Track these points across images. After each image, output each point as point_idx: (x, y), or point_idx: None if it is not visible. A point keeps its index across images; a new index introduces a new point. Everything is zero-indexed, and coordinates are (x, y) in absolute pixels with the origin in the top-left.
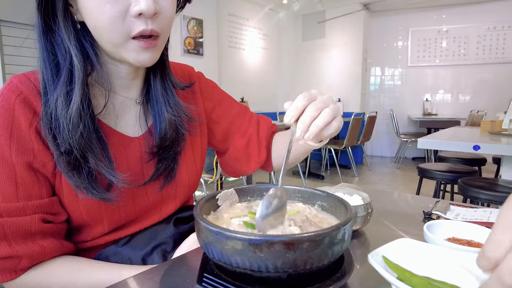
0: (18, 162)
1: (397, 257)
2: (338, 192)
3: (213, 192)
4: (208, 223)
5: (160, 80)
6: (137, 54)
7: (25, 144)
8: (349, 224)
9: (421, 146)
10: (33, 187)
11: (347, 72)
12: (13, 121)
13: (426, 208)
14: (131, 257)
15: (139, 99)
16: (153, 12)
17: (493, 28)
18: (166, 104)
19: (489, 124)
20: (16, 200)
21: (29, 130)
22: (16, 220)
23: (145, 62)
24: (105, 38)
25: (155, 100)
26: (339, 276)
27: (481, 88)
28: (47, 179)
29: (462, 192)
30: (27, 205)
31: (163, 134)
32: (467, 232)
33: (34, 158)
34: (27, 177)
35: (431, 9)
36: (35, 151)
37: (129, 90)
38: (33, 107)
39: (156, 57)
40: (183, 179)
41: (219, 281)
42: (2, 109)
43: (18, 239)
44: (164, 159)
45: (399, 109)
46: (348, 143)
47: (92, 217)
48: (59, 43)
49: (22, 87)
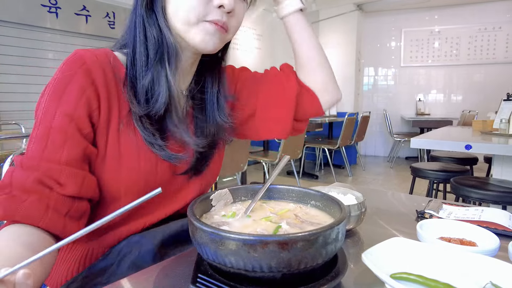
0: (55, 125)
1: (391, 256)
2: (332, 191)
3: (208, 192)
4: (202, 223)
5: (212, 80)
6: (205, 35)
7: (68, 108)
8: (342, 224)
9: (414, 145)
10: (57, 150)
11: (341, 72)
12: (66, 87)
13: (419, 207)
14: (146, 244)
15: (185, 90)
16: (232, 8)
17: (484, 29)
18: (215, 107)
19: (481, 124)
20: (38, 159)
21: (80, 97)
22: (19, 173)
23: (209, 45)
24: (182, 16)
25: (207, 100)
26: (333, 275)
27: (472, 88)
28: (77, 146)
29: (454, 191)
30: (40, 165)
31: (210, 132)
32: (459, 231)
33: (70, 122)
34: (57, 140)
35: (423, 10)
36: (75, 116)
37: (181, 78)
38: (92, 77)
39: (220, 45)
40: (211, 168)
41: (213, 281)
42: (62, 74)
43: (5, 188)
44: (203, 157)
45: (392, 109)
46: (342, 143)
47: (128, 192)
48: (155, 25)
49: (86, 59)
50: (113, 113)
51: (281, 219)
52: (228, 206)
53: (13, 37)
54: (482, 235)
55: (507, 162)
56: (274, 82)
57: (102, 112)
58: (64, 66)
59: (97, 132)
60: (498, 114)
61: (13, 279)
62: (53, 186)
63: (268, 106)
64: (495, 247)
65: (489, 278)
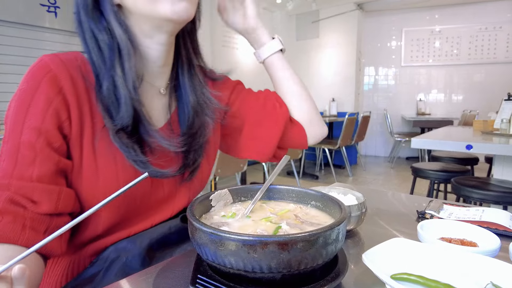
0: (24, 140)
1: (391, 257)
2: (332, 192)
3: (207, 192)
4: (202, 224)
5: (188, 67)
6: (172, 3)
7: (35, 122)
8: (343, 224)
9: (415, 145)
10: (27, 167)
11: (341, 72)
12: (32, 99)
13: (420, 207)
14: (133, 250)
15: (163, 89)
16: None
17: (485, 28)
18: (193, 91)
19: (482, 124)
20: (9, 177)
21: (47, 109)
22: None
23: (181, 12)
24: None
25: (182, 87)
26: (334, 276)
27: (473, 88)
28: (49, 161)
29: (455, 191)
30: (11, 184)
31: (189, 121)
32: (460, 231)
33: (38, 137)
34: (27, 156)
35: (424, 9)
36: (42, 130)
37: (156, 78)
38: (59, 86)
39: (192, 10)
40: (200, 172)
41: (213, 282)
42: (27, 84)
43: None
44: (192, 150)
45: (393, 109)
46: (342, 143)
47: (109, 204)
48: (104, 25)
49: (52, 65)
50: (86, 122)
51: (281, 220)
52: (227, 206)
53: (12, 36)
54: (482, 235)
55: (508, 162)
56: (268, 105)
57: (74, 122)
58: (28, 75)
59: (70, 143)
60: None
61: (10, 274)
62: (26, 205)
63: (257, 125)
64: (496, 248)
65: (489, 279)
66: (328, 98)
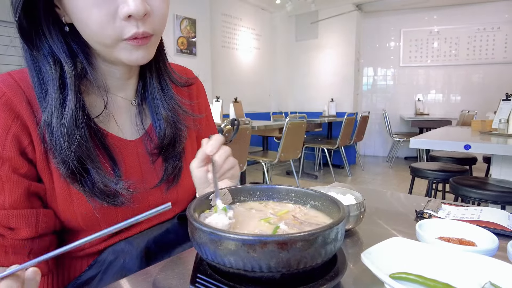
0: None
1: (390, 256)
2: (331, 191)
3: (207, 192)
4: (202, 223)
5: (157, 78)
6: (130, 53)
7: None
8: (342, 224)
9: (413, 145)
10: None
11: (340, 72)
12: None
13: (418, 207)
14: (130, 251)
15: (134, 100)
16: (143, 13)
17: (483, 29)
18: (163, 101)
19: (480, 124)
20: None
21: (5, 136)
22: None
23: (139, 61)
24: (95, 40)
25: (151, 98)
26: (332, 275)
27: (471, 88)
28: (18, 187)
29: (453, 191)
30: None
31: (163, 132)
32: (458, 231)
33: (2, 165)
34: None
35: (422, 10)
36: (4, 157)
37: (124, 91)
38: (16, 110)
39: (150, 54)
40: (186, 182)
41: (213, 281)
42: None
43: None
44: (170, 158)
45: (391, 109)
46: (341, 143)
47: (88, 224)
48: (46, 49)
49: (5, 88)
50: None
51: (280, 220)
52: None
53: (11, 37)
54: (481, 235)
55: (506, 162)
56: None
57: (37, 147)
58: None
59: (37, 167)
60: (497, 114)
61: (23, 275)
62: (4, 233)
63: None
64: (494, 247)
65: (488, 278)
66: (327, 98)
